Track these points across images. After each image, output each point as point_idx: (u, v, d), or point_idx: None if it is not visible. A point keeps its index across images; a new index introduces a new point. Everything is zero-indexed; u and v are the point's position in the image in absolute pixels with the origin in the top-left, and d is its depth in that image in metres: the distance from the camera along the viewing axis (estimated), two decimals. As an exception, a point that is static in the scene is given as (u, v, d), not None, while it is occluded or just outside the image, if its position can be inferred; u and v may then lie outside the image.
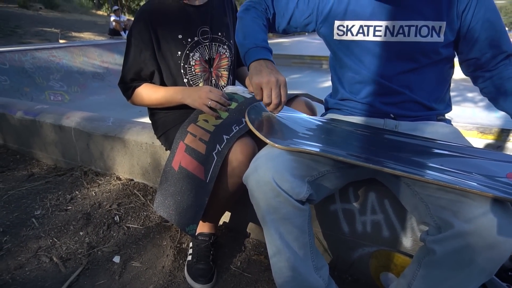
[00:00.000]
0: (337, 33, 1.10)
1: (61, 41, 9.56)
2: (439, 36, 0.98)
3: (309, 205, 0.94)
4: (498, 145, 2.31)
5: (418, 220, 0.92)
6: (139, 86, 1.32)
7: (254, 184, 0.90)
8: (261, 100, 0.97)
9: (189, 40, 1.30)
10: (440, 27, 0.97)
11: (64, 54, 7.78)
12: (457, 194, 0.77)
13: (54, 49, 7.78)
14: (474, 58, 1.03)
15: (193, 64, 1.32)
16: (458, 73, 1.13)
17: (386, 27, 1.01)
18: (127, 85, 1.33)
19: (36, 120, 2.13)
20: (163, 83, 1.34)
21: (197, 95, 1.24)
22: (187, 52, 1.30)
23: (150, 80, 1.34)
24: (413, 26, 0.98)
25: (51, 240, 1.43)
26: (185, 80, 1.33)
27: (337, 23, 1.08)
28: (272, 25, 1.19)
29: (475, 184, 0.74)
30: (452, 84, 1.17)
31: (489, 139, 2.48)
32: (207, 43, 1.33)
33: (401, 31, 1.00)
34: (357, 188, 1.16)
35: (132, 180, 1.82)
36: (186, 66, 1.31)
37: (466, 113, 4.92)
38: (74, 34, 11.37)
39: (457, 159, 0.88)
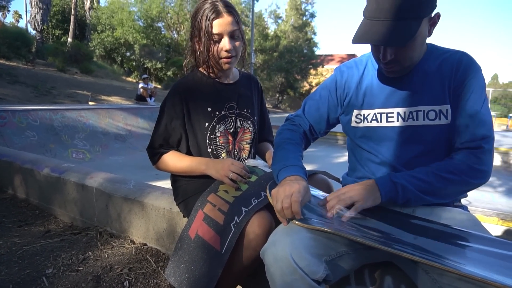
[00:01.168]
0: (355, 121, 1.19)
1: (90, 103, 10.17)
2: (446, 118, 1.05)
3: (325, 285, 0.93)
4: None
5: (438, 309, 0.89)
6: (166, 152, 1.40)
7: (271, 259, 0.91)
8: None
9: (217, 113, 1.40)
10: (447, 110, 1.05)
11: (92, 115, 8.23)
12: (477, 286, 0.76)
13: (83, 110, 8.27)
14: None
15: (218, 135, 1.40)
16: None
17: (398, 113, 1.10)
18: (155, 151, 1.41)
19: (61, 177, 2.22)
20: (188, 151, 1.42)
21: (220, 167, 1.30)
22: (214, 124, 1.40)
23: (177, 147, 1.42)
24: (420, 111, 1.07)
25: (58, 302, 1.41)
26: (209, 150, 1.41)
27: (355, 112, 1.19)
28: (311, 134, 1.31)
29: (497, 276, 0.73)
30: None
31: (511, 226, 2.40)
32: (233, 118, 1.43)
33: (411, 116, 1.08)
34: (373, 270, 1.14)
35: (145, 244, 1.82)
36: (211, 136, 1.40)
37: (485, 197, 4.83)
38: (103, 97, 12.13)
39: (475, 248, 0.88)
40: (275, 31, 24.30)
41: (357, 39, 0.98)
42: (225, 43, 1.30)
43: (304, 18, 24.78)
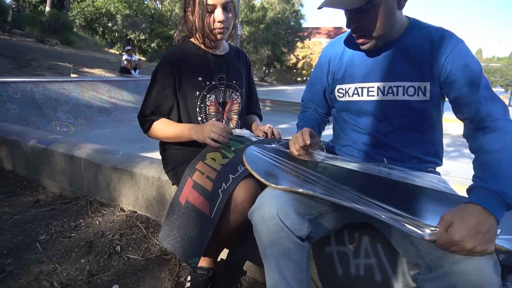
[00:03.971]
0: (338, 96, 1.25)
1: (72, 75, 9.90)
2: (425, 95, 1.10)
3: (308, 242, 1.01)
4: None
5: (410, 261, 0.99)
6: (157, 120, 1.43)
7: (258, 219, 0.97)
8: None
9: (208, 83, 1.43)
10: (425, 87, 1.09)
11: (74, 88, 8.04)
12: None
13: (66, 83, 8.06)
14: (466, 118, 1.08)
15: (208, 104, 1.44)
16: (455, 129, 1.23)
17: (378, 88, 1.15)
18: (146, 118, 1.44)
19: (48, 148, 2.23)
20: (179, 119, 1.46)
21: (202, 129, 1.32)
22: (204, 93, 1.43)
23: (168, 115, 1.45)
24: (400, 86, 1.11)
25: (52, 266, 1.47)
26: (199, 118, 1.44)
27: (338, 87, 1.25)
28: (324, 112, 1.44)
29: None
30: (449, 140, 1.28)
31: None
32: (223, 88, 1.47)
33: (390, 91, 1.13)
34: (352, 231, 1.23)
35: (135, 212, 1.88)
36: (202, 105, 1.43)
37: (462, 168, 5.02)
38: (86, 69, 11.80)
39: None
40: (261, 3, 23.72)
41: (320, 4, 1.07)
42: (218, 14, 1.32)
43: (292, -11, 24.22)
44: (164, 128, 1.43)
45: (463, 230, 0.75)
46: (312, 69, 1.41)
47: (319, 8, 1.07)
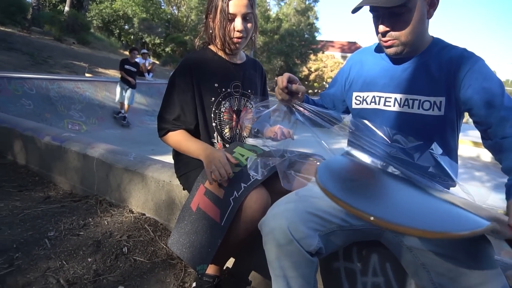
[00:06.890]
0: (355, 103, 1.26)
1: (87, 74, 10.05)
2: (440, 110, 1.09)
3: (317, 258, 1.00)
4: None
5: (419, 284, 0.98)
6: (174, 130, 1.42)
7: (268, 230, 0.98)
8: None
9: (223, 89, 1.45)
10: (441, 102, 1.08)
11: (88, 87, 8.17)
12: (455, 265, 0.84)
13: (80, 82, 8.17)
14: (485, 128, 1.07)
15: (223, 111, 1.46)
16: (465, 151, 1.22)
17: (395, 99, 1.15)
18: (164, 125, 1.43)
19: (62, 146, 2.26)
20: (197, 124, 1.46)
21: (207, 159, 1.29)
22: (220, 99, 1.45)
23: (189, 125, 1.44)
24: (416, 100, 1.11)
25: (60, 262, 1.48)
26: (214, 124, 1.46)
27: (355, 94, 1.26)
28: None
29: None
30: (459, 161, 1.25)
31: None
32: (238, 96, 1.49)
33: (406, 103, 1.13)
34: (360, 248, 1.22)
35: (144, 214, 1.89)
36: (216, 111, 1.45)
37: (471, 191, 4.96)
38: (100, 70, 11.99)
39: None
40: (277, 13, 23.99)
41: (357, 5, 1.07)
42: (238, 24, 1.35)
43: (307, 2, 24.46)
44: (177, 142, 1.43)
45: None
46: (325, 81, 1.46)
47: (354, 10, 1.09)
